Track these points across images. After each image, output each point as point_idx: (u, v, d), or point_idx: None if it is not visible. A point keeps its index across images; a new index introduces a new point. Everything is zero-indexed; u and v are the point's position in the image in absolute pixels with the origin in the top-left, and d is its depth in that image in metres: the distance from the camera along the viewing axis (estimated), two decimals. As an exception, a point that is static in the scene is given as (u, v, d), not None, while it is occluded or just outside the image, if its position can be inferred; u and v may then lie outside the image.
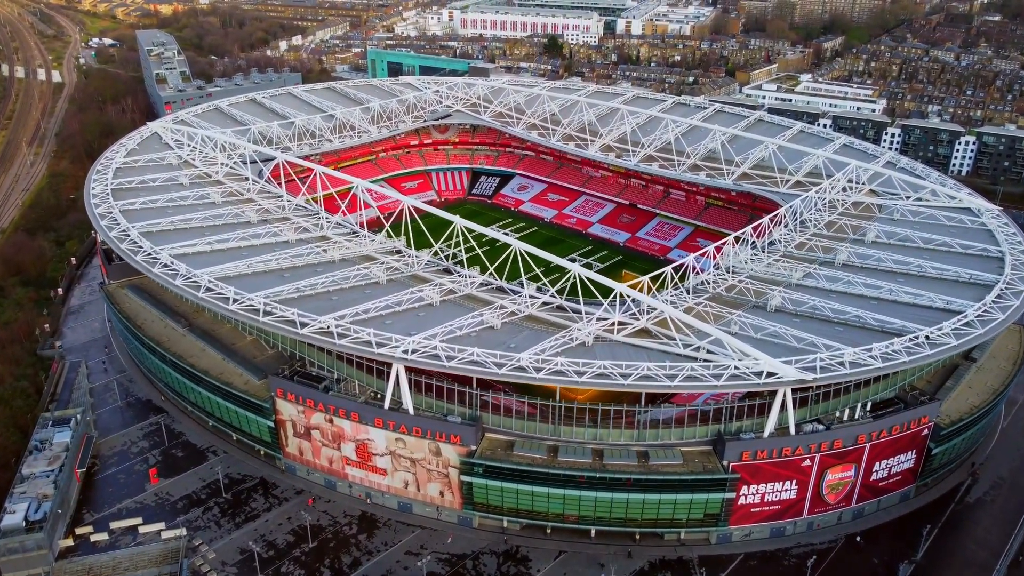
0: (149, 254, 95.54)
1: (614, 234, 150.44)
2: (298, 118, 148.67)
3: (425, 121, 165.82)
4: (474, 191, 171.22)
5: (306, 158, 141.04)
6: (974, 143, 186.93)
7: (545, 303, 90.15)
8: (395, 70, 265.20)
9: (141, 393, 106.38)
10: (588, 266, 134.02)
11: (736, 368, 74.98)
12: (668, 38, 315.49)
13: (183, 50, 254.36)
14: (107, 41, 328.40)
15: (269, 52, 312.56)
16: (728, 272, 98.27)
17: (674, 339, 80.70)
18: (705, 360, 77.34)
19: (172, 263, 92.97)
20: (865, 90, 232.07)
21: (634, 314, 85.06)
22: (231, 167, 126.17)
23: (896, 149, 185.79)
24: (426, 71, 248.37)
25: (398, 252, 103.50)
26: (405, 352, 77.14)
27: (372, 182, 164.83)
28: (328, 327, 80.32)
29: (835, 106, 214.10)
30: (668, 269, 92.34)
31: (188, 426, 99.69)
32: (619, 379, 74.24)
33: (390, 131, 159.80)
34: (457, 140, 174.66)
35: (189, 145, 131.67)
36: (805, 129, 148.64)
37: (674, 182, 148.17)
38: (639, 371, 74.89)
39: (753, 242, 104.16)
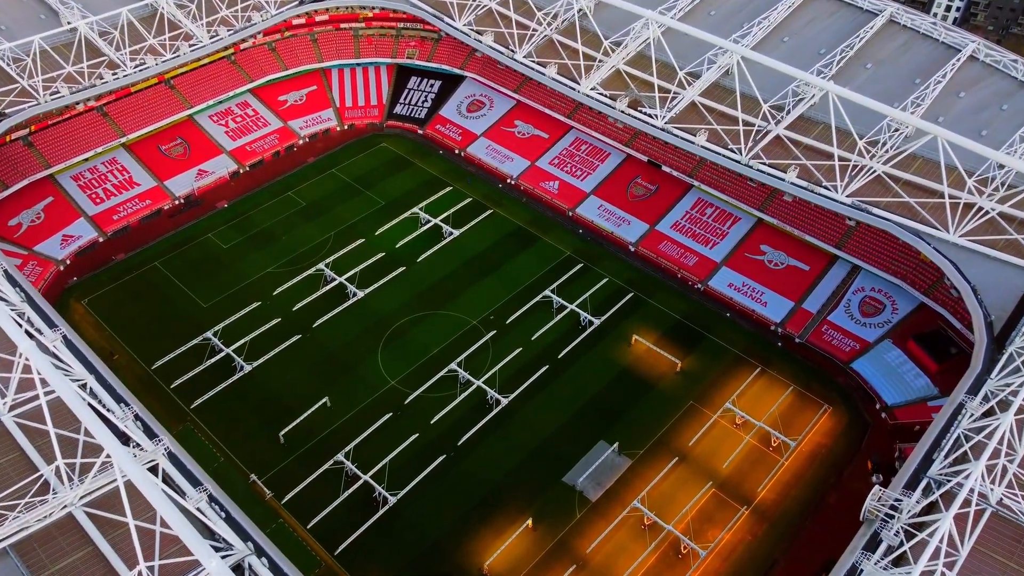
0: None
1: (620, 224, 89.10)
2: (57, 28, 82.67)
3: (302, 2, 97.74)
4: (398, 108, 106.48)
5: (70, 113, 78.44)
6: None
7: None
8: None
9: None
10: (579, 325, 73.82)
11: None
12: None
13: None
14: None
15: None
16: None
17: None
18: None
19: None
20: None
21: None
22: None
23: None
24: None
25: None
26: None
27: (229, 99, 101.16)
28: None
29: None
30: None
31: None
32: None
33: (235, 33, 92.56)
34: (371, 15, 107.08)
35: None
36: (987, 53, 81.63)
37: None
38: None
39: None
